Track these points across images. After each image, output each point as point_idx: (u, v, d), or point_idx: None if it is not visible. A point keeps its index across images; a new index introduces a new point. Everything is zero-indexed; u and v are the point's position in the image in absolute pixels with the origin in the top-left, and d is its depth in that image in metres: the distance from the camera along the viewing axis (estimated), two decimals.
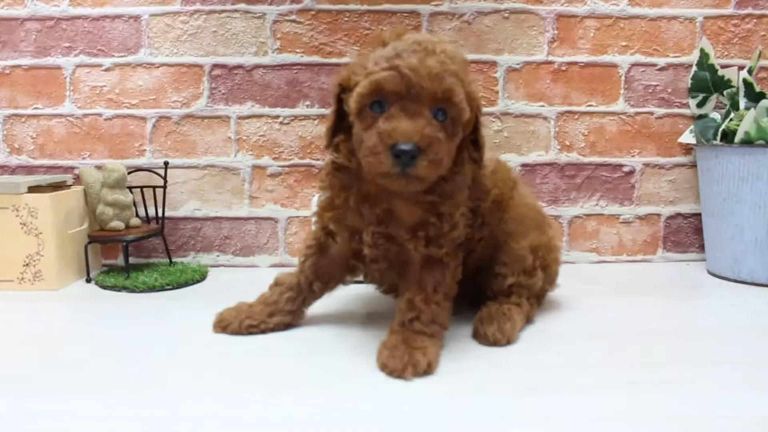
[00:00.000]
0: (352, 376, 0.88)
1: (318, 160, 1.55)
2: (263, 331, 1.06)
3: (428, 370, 0.88)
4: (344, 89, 0.92)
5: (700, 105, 1.54)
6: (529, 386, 0.85)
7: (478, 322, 1.04)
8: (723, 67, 1.52)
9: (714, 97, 1.53)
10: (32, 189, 1.37)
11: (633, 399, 0.80)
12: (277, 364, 0.93)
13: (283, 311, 1.08)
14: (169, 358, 0.96)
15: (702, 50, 1.51)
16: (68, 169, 1.58)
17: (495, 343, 1.00)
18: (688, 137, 1.55)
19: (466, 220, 1.00)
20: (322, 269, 1.09)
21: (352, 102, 0.88)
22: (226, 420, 0.75)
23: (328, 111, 1.52)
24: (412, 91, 0.84)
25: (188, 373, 0.90)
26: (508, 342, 1.00)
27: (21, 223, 1.34)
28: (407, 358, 0.88)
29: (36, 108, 1.57)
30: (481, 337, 1.01)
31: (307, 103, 1.55)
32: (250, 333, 1.05)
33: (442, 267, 0.98)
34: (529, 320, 1.10)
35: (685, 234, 1.62)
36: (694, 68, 1.53)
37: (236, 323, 1.06)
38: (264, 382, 0.86)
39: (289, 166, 1.56)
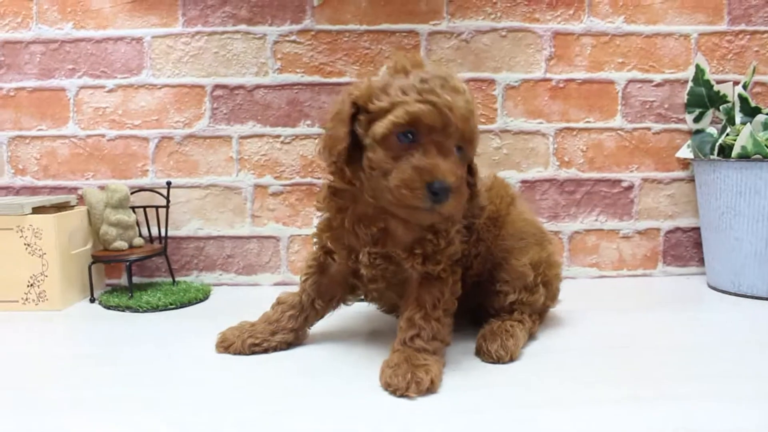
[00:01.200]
0: (356, 394, 0.89)
1: (319, 179, 1.57)
2: (266, 350, 1.06)
3: (431, 388, 0.88)
4: (359, 110, 0.93)
5: (696, 120, 1.56)
6: (532, 403, 0.85)
7: (481, 339, 1.04)
8: (718, 82, 1.54)
9: (710, 112, 1.54)
10: (36, 210, 1.38)
11: (636, 414, 0.81)
12: (281, 383, 0.93)
13: (285, 329, 1.08)
14: (173, 378, 0.96)
15: (697, 66, 1.53)
16: (72, 190, 1.59)
17: (498, 360, 1.00)
18: (685, 152, 1.56)
19: (461, 236, 1.02)
20: (323, 288, 1.10)
21: (378, 127, 0.89)
22: None
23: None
24: (447, 129, 0.88)
25: (192, 392, 0.90)
26: (511, 359, 1.01)
27: (25, 244, 1.35)
28: (410, 376, 0.88)
29: (40, 129, 1.58)
30: (485, 354, 1.01)
31: (308, 122, 1.57)
32: (253, 352, 1.06)
33: (440, 283, 0.99)
34: (531, 336, 1.11)
35: (685, 248, 1.63)
36: (690, 84, 1.55)
37: (239, 342, 1.06)
38: (267, 401, 0.87)
39: (290, 185, 1.57)
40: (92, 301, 1.44)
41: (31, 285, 1.36)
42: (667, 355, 1.04)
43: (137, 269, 1.59)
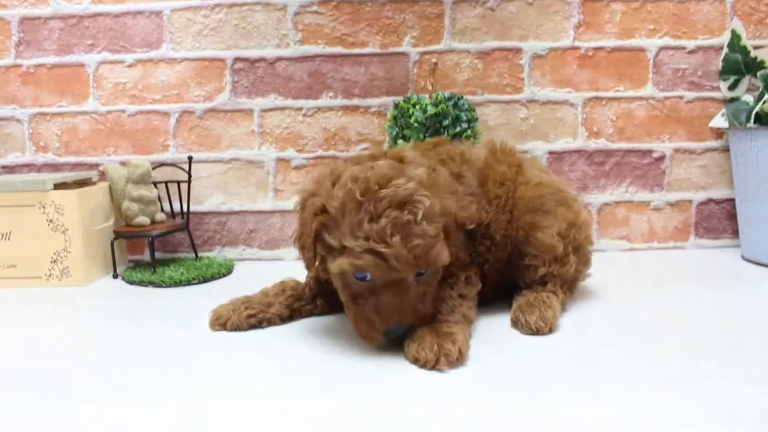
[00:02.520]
0: (385, 373, 0.87)
1: (342, 152, 1.54)
2: (260, 322, 1.04)
3: (460, 358, 0.86)
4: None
5: (731, 88, 1.50)
6: (568, 381, 0.82)
7: (518, 311, 1.01)
8: (755, 48, 1.48)
9: (746, 79, 1.49)
10: (58, 186, 1.37)
11: (673, 395, 0.77)
12: (306, 361, 0.92)
13: (282, 304, 1.06)
14: (199, 354, 0.95)
15: (733, 31, 1.47)
16: (93, 166, 1.58)
17: (538, 331, 0.97)
18: (719, 121, 1.51)
19: (462, 246, 0.99)
20: (325, 288, 1.06)
21: (334, 267, 0.88)
22: (256, 419, 0.74)
23: (353, 102, 1.52)
24: (396, 276, 0.85)
25: (219, 368, 0.89)
26: (551, 330, 0.98)
27: (48, 220, 1.35)
28: (437, 348, 0.85)
29: (60, 106, 1.57)
30: (523, 326, 0.99)
31: (330, 94, 1.54)
32: (250, 325, 1.04)
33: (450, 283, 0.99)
34: (563, 308, 1.08)
35: (718, 220, 1.58)
36: (725, 50, 1.49)
37: (235, 317, 1.03)
38: (291, 380, 0.85)
39: (313, 158, 1.55)
40: (115, 276, 1.43)
41: (55, 261, 1.36)
42: (702, 331, 0.99)
43: (159, 245, 1.58)
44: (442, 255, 0.88)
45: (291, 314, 1.07)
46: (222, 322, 1.04)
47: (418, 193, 0.85)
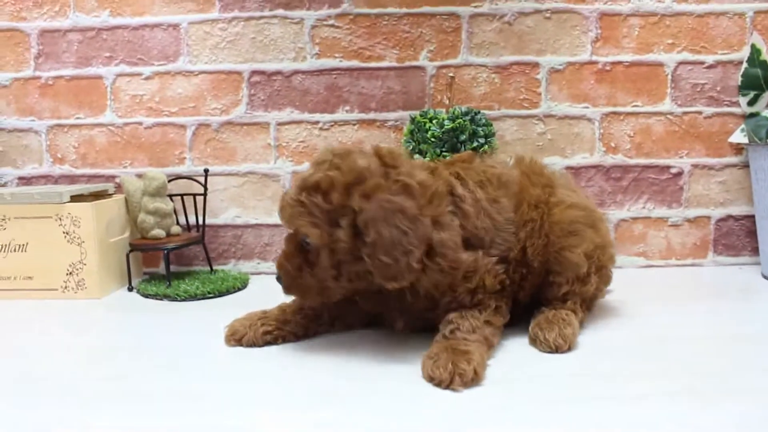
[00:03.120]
0: (400, 387, 0.86)
1: None
2: (276, 339, 1.03)
3: (475, 379, 0.84)
4: None
5: (751, 103, 1.49)
6: (588, 396, 0.81)
7: (537, 327, 1.00)
8: None
9: (766, 95, 1.47)
10: (74, 198, 1.38)
11: (695, 409, 0.76)
12: (321, 372, 0.91)
13: (299, 323, 1.05)
14: (214, 367, 0.94)
15: (753, 46, 1.46)
16: (109, 178, 1.59)
17: (557, 349, 0.96)
18: (739, 136, 1.50)
19: (494, 271, 0.99)
20: (343, 313, 1.08)
21: None
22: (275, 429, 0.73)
23: (369, 116, 1.52)
24: (286, 228, 0.97)
25: (234, 381, 0.88)
26: (569, 348, 0.97)
27: (64, 232, 1.35)
28: (452, 367, 0.84)
29: (78, 118, 1.58)
30: (542, 343, 0.97)
31: (347, 108, 1.54)
32: (266, 342, 1.03)
33: (476, 310, 0.98)
34: (581, 326, 1.06)
35: (737, 237, 1.56)
36: (745, 65, 1.48)
37: (251, 333, 1.03)
38: (306, 396, 0.84)
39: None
40: (130, 289, 1.43)
41: (70, 273, 1.36)
42: (721, 347, 0.98)
43: (175, 258, 1.58)
44: (307, 228, 0.92)
45: (306, 333, 1.06)
46: (237, 337, 1.03)
47: (329, 172, 0.91)
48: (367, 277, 0.91)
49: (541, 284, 1.07)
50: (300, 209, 0.91)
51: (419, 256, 0.88)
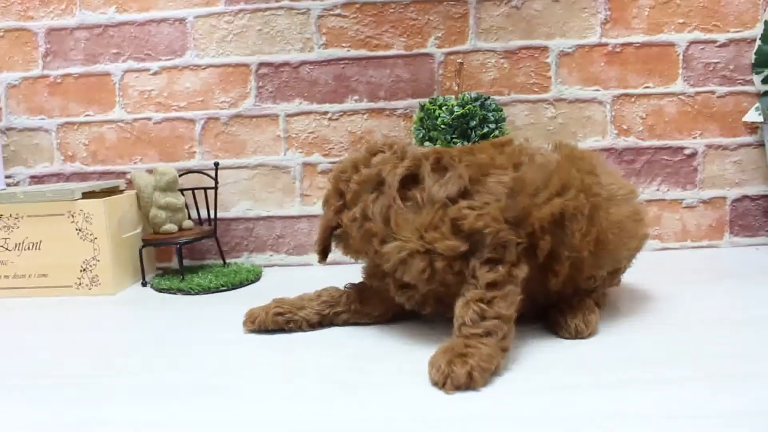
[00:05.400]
0: (413, 377, 0.85)
1: None
2: (288, 322, 1.03)
3: (468, 383, 0.78)
4: None
5: (765, 81, 1.47)
6: (608, 382, 0.80)
7: (558, 313, 0.97)
8: None
9: None
10: (86, 195, 1.38)
11: (716, 393, 0.75)
12: (338, 365, 0.91)
13: (313, 309, 1.05)
14: (229, 360, 0.94)
15: (766, 23, 1.44)
16: (120, 175, 1.59)
17: (578, 334, 0.94)
18: (753, 115, 1.48)
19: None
20: (365, 298, 1.06)
21: None
22: (285, 424, 0.73)
23: (378, 104, 1.51)
24: None
25: (249, 374, 0.88)
26: (591, 334, 0.95)
27: (77, 229, 1.35)
28: (446, 368, 0.79)
29: (87, 115, 1.58)
30: (562, 329, 0.95)
31: (356, 97, 1.53)
32: (275, 323, 1.03)
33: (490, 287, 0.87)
34: (601, 307, 1.04)
35: (753, 217, 1.54)
36: (758, 42, 1.46)
37: (263, 314, 1.04)
38: (325, 385, 0.84)
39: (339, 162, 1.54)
40: (144, 284, 1.43)
41: (84, 270, 1.36)
42: (741, 330, 0.96)
43: (187, 252, 1.58)
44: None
45: (321, 320, 1.05)
46: (252, 320, 1.04)
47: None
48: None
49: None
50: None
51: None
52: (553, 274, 0.94)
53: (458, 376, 0.78)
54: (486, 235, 0.86)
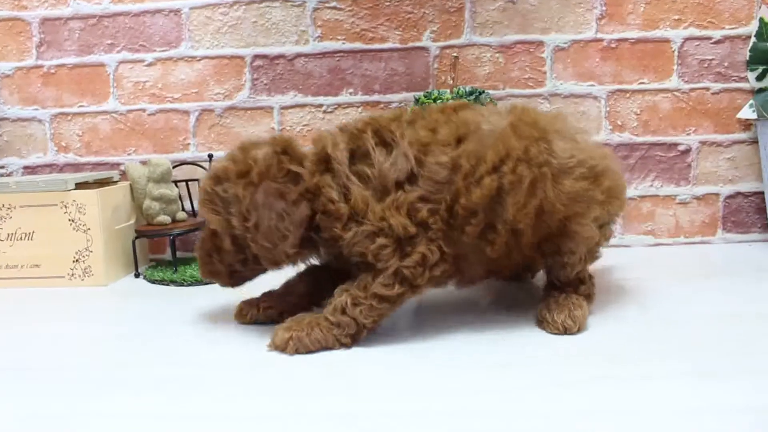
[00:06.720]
0: (388, 370, 0.85)
1: None
2: (281, 314, 1.03)
3: (281, 346, 0.90)
4: None
5: (760, 78, 1.47)
6: (597, 377, 0.80)
7: (545, 310, 0.97)
8: None
9: None
10: (80, 186, 1.37)
11: (707, 389, 0.75)
12: (332, 357, 0.91)
13: (300, 293, 1.07)
14: (221, 353, 0.94)
15: (762, 20, 1.44)
16: (114, 166, 1.59)
17: (566, 330, 0.94)
18: (747, 112, 1.48)
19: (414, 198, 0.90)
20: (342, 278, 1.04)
21: None
22: (280, 418, 0.73)
23: (373, 98, 1.51)
24: None
25: (242, 367, 0.88)
26: (579, 330, 0.95)
27: (70, 220, 1.35)
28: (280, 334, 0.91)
29: (81, 106, 1.57)
30: (549, 325, 0.95)
31: (351, 90, 1.53)
32: (270, 318, 1.04)
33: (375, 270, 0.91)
34: (590, 301, 1.03)
35: (746, 214, 1.55)
36: (753, 39, 1.46)
37: (255, 310, 1.06)
38: (320, 378, 0.84)
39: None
40: (137, 276, 1.43)
41: (77, 260, 1.36)
42: (732, 326, 0.97)
43: (181, 243, 1.58)
44: (209, 215, 0.97)
45: (311, 300, 1.07)
46: (243, 314, 1.06)
47: (225, 163, 0.98)
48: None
49: (554, 263, 1.00)
50: (205, 197, 0.98)
51: (294, 241, 0.91)
52: (486, 242, 0.93)
53: (279, 340, 0.91)
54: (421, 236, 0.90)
